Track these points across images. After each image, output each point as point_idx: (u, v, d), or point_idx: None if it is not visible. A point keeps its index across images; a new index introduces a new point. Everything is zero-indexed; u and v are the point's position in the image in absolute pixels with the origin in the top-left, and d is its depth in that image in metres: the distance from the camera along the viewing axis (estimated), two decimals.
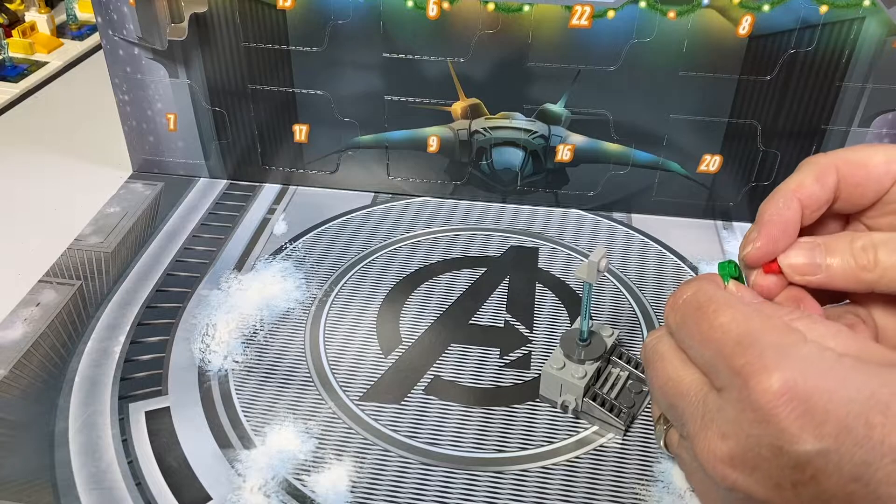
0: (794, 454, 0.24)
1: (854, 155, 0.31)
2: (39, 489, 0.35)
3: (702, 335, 0.27)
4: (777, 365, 0.24)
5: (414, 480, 0.36)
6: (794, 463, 0.24)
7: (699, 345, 0.28)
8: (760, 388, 0.24)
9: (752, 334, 0.26)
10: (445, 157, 0.54)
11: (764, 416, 0.24)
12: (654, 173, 0.53)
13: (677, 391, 0.28)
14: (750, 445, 0.25)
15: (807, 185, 0.31)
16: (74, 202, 0.56)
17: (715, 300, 0.28)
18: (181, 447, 0.37)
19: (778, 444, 0.24)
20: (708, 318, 0.27)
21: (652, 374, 0.30)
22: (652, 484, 0.36)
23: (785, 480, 0.25)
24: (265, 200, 0.56)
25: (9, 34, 0.75)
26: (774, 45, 0.46)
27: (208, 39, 0.51)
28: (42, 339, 0.43)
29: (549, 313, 0.46)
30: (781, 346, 0.25)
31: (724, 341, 0.26)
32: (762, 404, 0.24)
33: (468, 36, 0.49)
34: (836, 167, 0.31)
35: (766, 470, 0.25)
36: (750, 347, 0.25)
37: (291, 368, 0.42)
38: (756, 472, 0.25)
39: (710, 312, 0.27)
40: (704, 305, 0.28)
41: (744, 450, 0.25)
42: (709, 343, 0.27)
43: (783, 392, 0.24)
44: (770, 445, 0.24)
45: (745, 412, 0.25)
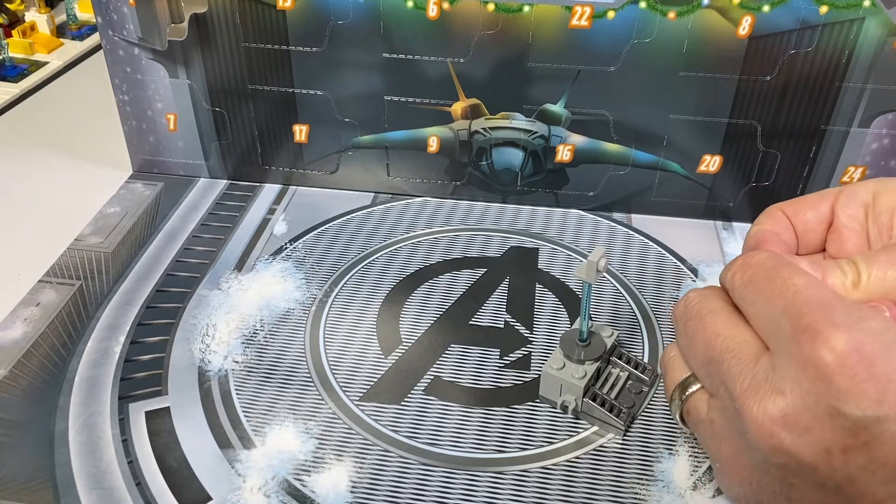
0: (851, 417, 0.24)
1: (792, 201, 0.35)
2: (39, 489, 0.35)
3: (773, 292, 0.27)
4: (847, 326, 0.24)
5: (414, 481, 0.36)
6: (850, 426, 0.24)
7: (766, 301, 0.27)
8: (828, 345, 0.24)
9: (824, 298, 0.26)
10: (445, 158, 0.54)
11: (827, 374, 0.24)
12: (654, 174, 0.53)
13: (726, 347, 0.28)
14: (807, 404, 0.25)
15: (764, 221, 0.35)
16: (74, 202, 0.56)
17: (790, 265, 0.28)
18: (181, 447, 0.37)
19: (836, 405, 0.24)
20: (782, 277, 0.27)
21: (696, 328, 0.30)
22: (652, 484, 0.36)
23: (836, 445, 0.24)
24: (265, 200, 0.56)
25: (9, 34, 0.75)
26: (774, 46, 0.46)
27: (208, 39, 0.51)
28: (42, 339, 0.43)
29: (549, 314, 0.46)
30: (851, 313, 0.25)
31: (795, 299, 0.26)
32: (827, 362, 0.24)
33: (468, 36, 0.49)
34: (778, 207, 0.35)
35: (818, 432, 0.25)
36: (821, 308, 0.25)
37: (291, 369, 0.42)
38: (807, 434, 0.25)
39: (784, 274, 0.27)
40: (780, 267, 0.28)
41: (799, 409, 0.25)
42: (779, 299, 0.27)
43: (849, 353, 0.24)
44: (828, 405, 0.24)
45: (807, 369, 0.25)
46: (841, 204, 0.34)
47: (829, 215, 0.34)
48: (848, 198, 0.34)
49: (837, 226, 0.34)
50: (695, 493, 0.35)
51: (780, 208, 0.35)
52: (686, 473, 0.36)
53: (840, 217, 0.34)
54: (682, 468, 0.37)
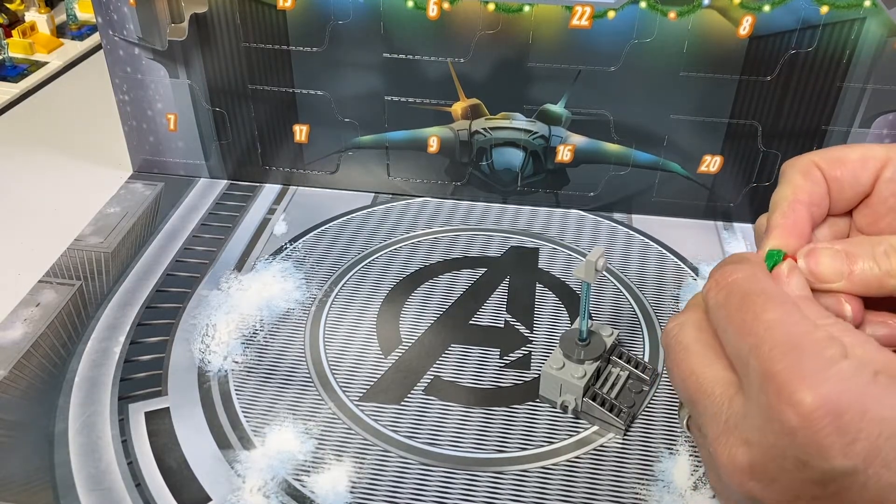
0: (819, 470, 0.23)
1: (831, 152, 0.31)
2: (39, 490, 0.35)
3: (743, 325, 0.26)
4: (814, 378, 0.23)
5: (414, 481, 0.36)
6: (819, 478, 0.24)
7: (736, 334, 0.26)
8: (794, 399, 0.23)
9: (794, 339, 0.25)
10: (446, 158, 0.54)
11: (793, 428, 0.23)
12: (655, 174, 0.53)
13: (700, 388, 0.27)
14: (773, 456, 0.24)
15: (800, 184, 0.30)
16: (74, 202, 0.56)
17: (766, 292, 0.26)
18: (181, 448, 0.37)
19: (804, 457, 0.23)
20: (754, 309, 0.26)
21: (672, 364, 0.29)
22: (652, 484, 0.36)
23: (805, 494, 0.24)
24: (265, 200, 0.56)
25: (9, 34, 0.75)
26: (775, 46, 0.46)
27: (208, 39, 0.51)
28: (42, 339, 0.43)
29: (549, 313, 0.46)
30: (821, 359, 0.24)
31: (765, 339, 0.25)
32: (793, 416, 0.23)
33: (468, 36, 0.48)
34: (815, 163, 0.31)
35: (786, 482, 0.24)
36: (790, 353, 0.24)
37: (291, 369, 0.42)
38: (775, 484, 0.25)
39: (758, 304, 0.26)
40: (754, 294, 0.26)
41: (766, 459, 0.25)
42: (748, 336, 0.26)
43: (816, 407, 0.23)
44: (795, 458, 0.24)
45: (773, 421, 0.24)
46: (886, 178, 0.31)
47: (868, 186, 0.31)
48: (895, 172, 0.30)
49: (875, 200, 0.31)
50: (695, 493, 0.35)
51: (816, 164, 0.31)
52: (686, 473, 0.36)
53: (882, 192, 0.31)
54: (683, 468, 0.37)
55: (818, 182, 0.31)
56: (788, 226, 0.30)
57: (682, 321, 0.30)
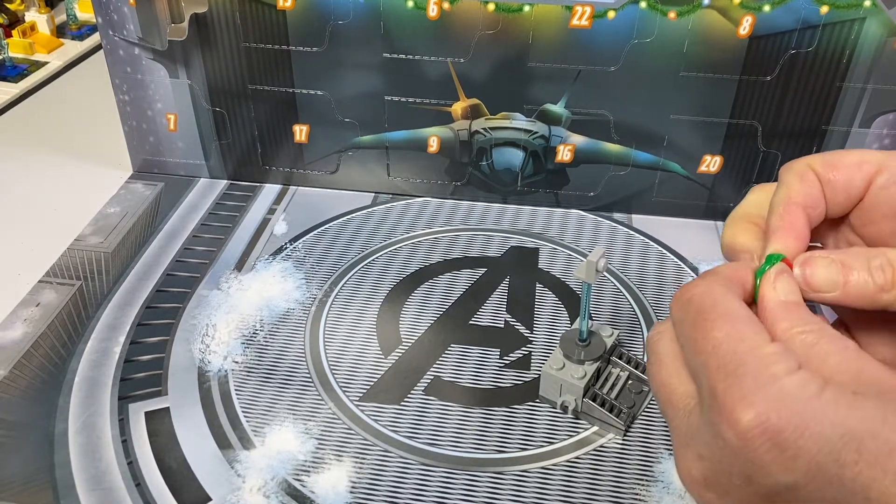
0: (763, 484, 0.24)
1: (828, 155, 0.31)
2: (39, 490, 0.35)
3: (695, 344, 0.27)
4: (753, 398, 0.24)
5: (414, 481, 0.36)
6: (765, 493, 0.24)
7: (691, 351, 0.27)
8: (733, 418, 0.24)
9: (737, 358, 0.25)
10: (446, 158, 0.54)
11: (734, 446, 0.24)
12: (655, 174, 0.53)
13: (668, 400, 0.28)
14: (722, 471, 0.25)
15: (796, 187, 0.31)
16: (74, 202, 0.56)
17: (717, 308, 0.27)
18: (181, 448, 0.37)
19: (747, 473, 0.24)
20: (705, 327, 0.27)
21: (649, 375, 0.30)
22: (652, 484, 0.36)
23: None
24: (265, 200, 0.56)
25: (9, 34, 0.75)
26: (775, 46, 0.46)
27: (208, 39, 0.51)
28: (42, 339, 0.43)
29: (549, 314, 0.46)
30: (763, 377, 0.24)
31: (712, 357, 0.26)
32: (732, 435, 0.24)
33: (468, 36, 0.48)
34: (810, 166, 0.31)
35: (737, 495, 0.25)
36: (732, 373, 0.25)
37: (291, 369, 0.42)
38: (728, 497, 0.26)
39: (708, 321, 0.27)
40: (706, 311, 0.27)
41: (716, 474, 0.25)
42: (700, 354, 0.27)
43: (754, 426, 0.24)
44: (741, 474, 0.25)
45: (717, 438, 0.25)
46: (878, 184, 0.31)
47: (861, 191, 0.31)
48: (889, 179, 0.30)
49: (868, 205, 0.31)
50: None
51: (811, 167, 0.31)
52: None
53: (875, 198, 0.31)
54: None
55: (813, 184, 0.31)
56: (786, 228, 0.30)
57: (661, 330, 0.30)
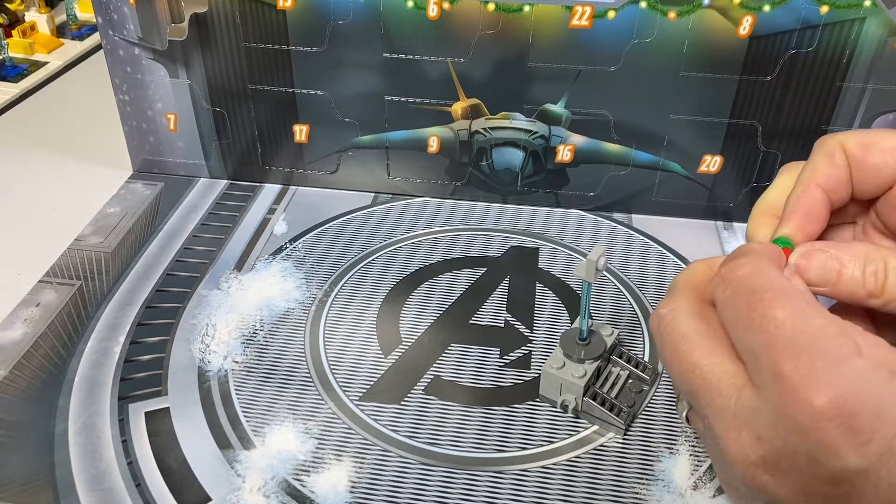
0: (831, 469, 0.23)
1: (864, 136, 0.30)
2: (39, 490, 0.35)
3: (752, 323, 0.26)
4: (827, 378, 0.23)
5: (414, 481, 0.36)
6: (831, 477, 0.23)
7: (746, 331, 0.26)
8: (806, 400, 0.23)
9: (806, 337, 0.24)
10: (446, 158, 0.54)
11: (805, 428, 0.23)
12: (655, 174, 0.53)
13: (705, 382, 0.27)
14: (786, 452, 0.24)
15: (822, 168, 0.30)
16: (74, 202, 0.56)
17: (773, 287, 0.26)
18: (181, 448, 0.37)
19: (816, 456, 0.23)
20: (763, 305, 0.25)
21: (671, 357, 0.28)
22: (652, 483, 0.36)
23: (817, 492, 0.24)
24: (265, 200, 0.56)
25: (9, 34, 0.75)
26: (775, 46, 0.46)
27: (208, 39, 0.51)
28: (42, 339, 0.43)
29: (549, 313, 0.46)
30: (835, 357, 0.24)
31: (775, 337, 0.25)
32: (805, 417, 0.23)
33: (468, 36, 0.48)
34: (843, 146, 0.30)
35: (798, 478, 0.24)
36: (802, 353, 0.24)
37: (291, 368, 0.42)
38: (788, 479, 0.25)
39: (766, 300, 0.25)
40: (761, 290, 0.26)
41: (778, 455, 0.24)
42: (758, 334, 0.25)
43: (829, 408, 0.23)
44: (808, 456, 0.24)
45: (785, 419, 0.24)
46: None
47: (891, 179, 0.30)
48: None
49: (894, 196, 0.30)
50: (695, 492, 0.35)
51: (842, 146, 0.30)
52: (687, 473, 0.36)
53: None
54: (683, 468, 0.37)
55: (840, 166, 0.30)
56: (801, 213, 0.30)
57: (675, 307, 0.29)
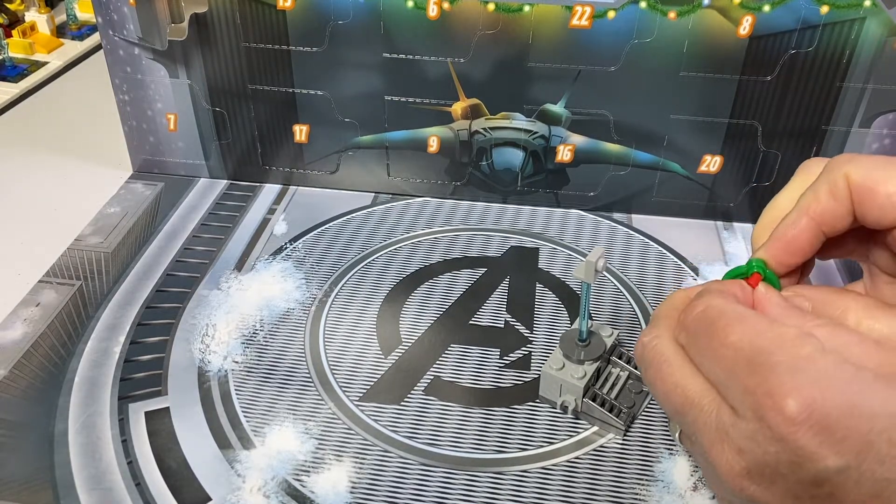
0: (812, 470, 0.24)
1: (874, 170, 0.29)
2: (39, 489, 0.35)
3: (713, 353, 0.27)
4: (792, 385, 0.24)
5: (414, 481, 0.36)
6: (813, 479, 0.24)
7: (710, 363, 0.27)
8: (777, 409, 0.24)
9: (763, 352, 0.25)
10: (445, 158, 0.54)
11: (781, 436, 0.24)
12: (655, 174, 0.53)
13: (686, 400, 0.28)
14: (767, 461, 0.25)
15: (821, 199, 0.30)
16: (74, 202, 0.56)
17: (725, 315, 0.27)
18: (181, 448, 0.37)
19: (796, 460, 0.24)
20: (719, 335, 0.26)
21: (654, 378, 0.29)
22: (652, 484, 0.36)
23: (804, 494, 0.24)
24: (265, 200, 0.56)
25: (9, 34, 0.75)
26: (775, 46, 0.46)
27: (208, 39, 0.51)
28: (42, 339, 0.43)
29: (549, 314, 0.46)
30: (796, 363, 0.24)
31: (735, 360, 0.26)
32: (779, 425, 0.24)
33: (468, 36, 0.48)
34: (848, 178, 0.29)
35: (784, 485, 0.25)
36: (762, 367, 0.25)
37: (291, 369, 0.42)
38: (774, 486, 0.25)
39: (720, 329, 0.27)
40: (715, 321, 0.27)
41: (761, 465, 0.25)
42: (720, 362, 0.26)
43: (800, 412, 0.23)
44: (788, 462, 0.24)
45: (762, 430, 0.24)
46: None
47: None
48: None
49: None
50: (695, 493, 0.35)
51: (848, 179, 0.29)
52: (686, 474, 0.36)
53: None
54: (683, 468, 0.37)
55: (841, 200, 0.29)
56: (783, 243, 0.30)
57: (657, 334, 0.30)
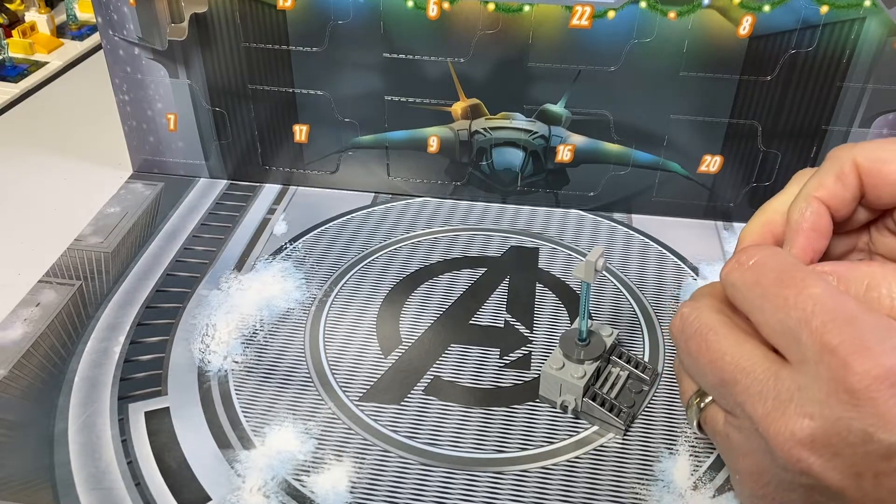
0: (885, 442, 0.23)
1: (879, 152, 0.29)
2: (39, 489, 0.35)
3: (786, 301, 0.25)
4: (880, 347, 0.23)
5: (413, 481, 0.36)
6: (884, 452, 0.23)
7: (779, 310, 0.25)
8: (861, 369, 0.23)
9: (849, 311, 0.24)
10: (445, 158, 0.54)
11: (860, 399, 0.23)
12: (655, 174, 0.53)
13: (738, 366, 0.26)
14: (838, 429, 0.24)
15: (828, 185, 0.30)
16: (74, 202, 0.56)
17: (801, 269, 0.26)
18: (181, 447, 0.37)
19: (870, 430, 0.23)
20: (796, 284, 0.25)
21: (698, 349, 0.28)
22: (652, 483, 0.36)
23: (868, 469, 0.24)
24: (265, 200, 0.56)
25: (9, 34, 0.75)
26: (775, 46, 0.46)
27: (208, 39, 0.51)
28: (42, 339, 0.43)
29: (549, 313, 0.46)
30: (882, 328, 0.24)
31: (816, 313, 0.24)
32: (860, 387, 0.23)
33: (468, 36, 0.48)
34: (857, 163, 0.30)
35: (849, 456, 0.24)
36: (848, 325, 0.24)
37: (291, 369, 0.42)
38: (837, 458, 0.24)
39: (798, 280, 0.25)
40: (791, 270, 0.26)
41: (828, 433, 0.24)
42: (795, 310, 0.25)
43: (886, 376, 0.23)
44: (861, 431, 0.23)
45: (837, 393, 0.23)
46: None
47: None
48: None
49: None
50: (695, 493, 0.35)
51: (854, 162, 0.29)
52: (686, 473, 0.36)
53: None
54: (683, 468, 0.37)
55: (849, 186, 0.30)
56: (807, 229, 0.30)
57: (696, 305, 0.29)
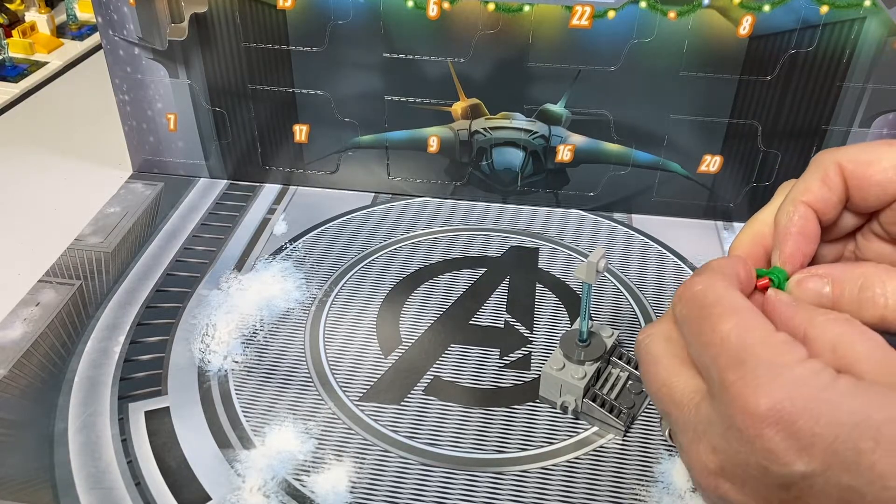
0: (779, 475, 0.24)
1: (862, 154, 0.30)
2: (39, 489, 0.35)
3: (702, 338, 0.27)
4: (767, 386, 0.24)
5: (413, 481, 0.36)
6: (780, 483, 0.24)
7: (699, 346, 0.27)
8: (748, 408, 0.24)
9: (748, 349, 0.25)
10: (445, 158, 0.54)
11: (749, 436, 0.24)
12: (655, 174, 0.53)
13: (671, 399, 0.28)
14: (738, 461, 0.25)
15: (813, 189, 0.30)
16: (74, 202, 0.56)
17: (721, 303, 0.27)
18: (181, 447, 0.37)
19: (764, 463, 0.24)
20: (711, 321, 0.27)
21: (646, 377, 0.30)
22: (652, 484, 0.36)
23: (773, 497, 0.25)
24: (265, 200, 0.56)
25: (9, 34, 0.75)
26: (775, 46, 0.46)
27: (208, 39, 0.51)
28: (42, 339, 0.43)
29: (549, 314, 0.46)
30: (775, 365, 0.25)
31: (721, 351, 0.26)
32: (748, 425, 0.24)
33: (468, 36, 0.48)
34: (841, 166, 0.30)
35: (754, 486, 0.25)
36: (743, 364, 0.25)
37: (291, 369, 0.42)
38: (746, 486, 0.25)
39: (714, 316, 0.27)
40: (710, 306, 0.27)
41: (732, 465, 0.25)
42: (707, 348, 0.26)
43: (769, 414, 0.24)
44: (756, 464, 0.24)
45: (732, 429, 0.25)
46: None
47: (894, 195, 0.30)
48: None
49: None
50: (695, 494, 0.35)
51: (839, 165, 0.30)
52: (686, 475, 0.36)
53: None
54: (682, 469, 0.36)
55: (835, 189, 0.30)
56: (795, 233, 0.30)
57: (650, 332, 0.30)
